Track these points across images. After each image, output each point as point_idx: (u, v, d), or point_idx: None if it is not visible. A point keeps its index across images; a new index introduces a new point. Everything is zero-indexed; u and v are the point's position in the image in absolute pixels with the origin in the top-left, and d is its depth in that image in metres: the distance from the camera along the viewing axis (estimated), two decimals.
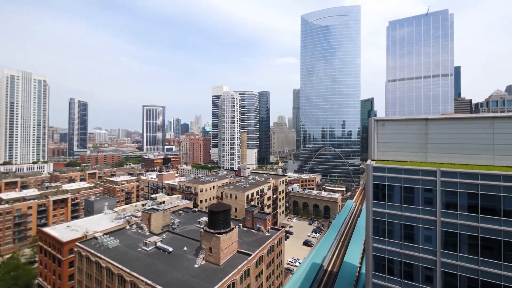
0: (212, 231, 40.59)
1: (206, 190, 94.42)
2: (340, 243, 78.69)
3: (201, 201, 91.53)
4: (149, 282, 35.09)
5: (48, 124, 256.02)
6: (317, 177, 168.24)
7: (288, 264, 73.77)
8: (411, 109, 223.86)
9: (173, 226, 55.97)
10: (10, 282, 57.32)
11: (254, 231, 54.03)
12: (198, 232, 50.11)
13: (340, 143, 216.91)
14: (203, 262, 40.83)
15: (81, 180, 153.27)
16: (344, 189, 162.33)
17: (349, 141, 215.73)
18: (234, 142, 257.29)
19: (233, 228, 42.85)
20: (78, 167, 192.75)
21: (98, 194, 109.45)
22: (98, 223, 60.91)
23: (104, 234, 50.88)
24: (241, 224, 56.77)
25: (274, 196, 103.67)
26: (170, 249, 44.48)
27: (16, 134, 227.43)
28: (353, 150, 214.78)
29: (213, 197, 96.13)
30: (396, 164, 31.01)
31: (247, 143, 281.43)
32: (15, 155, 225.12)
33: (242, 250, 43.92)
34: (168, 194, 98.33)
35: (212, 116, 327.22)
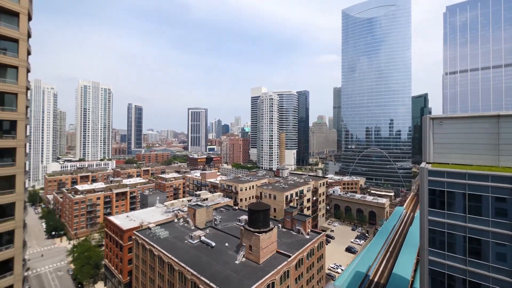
0: (252, 229, 41.58)
1: (245, 189, 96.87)
2: (388, 252, 72.66)
3: (241, 199, 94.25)
4: (195, 273, 37.69)
5: (112, 126, 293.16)
6: (361, 180, 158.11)
7: (329, 269, 71.10)
8: (476, 104, 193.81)
9: (215, 222, 58.96)
10: (84, 260, 67.65)
11: (294, 233, 53.55)
12: (238, 229, 51.85)
13: (388, 143, 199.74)
14: (243, 259, 42.11)
15: (137, 176, 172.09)
16: (392, 194, 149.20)
17: (398, 142, 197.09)
18: (272, 143, 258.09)
19: (272, 228, 43.22)
20: (134, 165, 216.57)
21: (151, 189, 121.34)
22: (151, 215, 67.60)
23: (156, 225, 56.34)
24: (280, 225, 56.83)
25: (314, 198, 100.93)
26: (213, 243, 47.01)
27: (88, 136, 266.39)
28: (403, 152, 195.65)
29: (253, 196, 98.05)
30: (458, 168, 27.45)
31: (286, 144, 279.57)
32: (87, 153, 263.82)
33: (281, 251, 43.99)
34: (210, 192, 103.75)
35: (251, 117, 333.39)
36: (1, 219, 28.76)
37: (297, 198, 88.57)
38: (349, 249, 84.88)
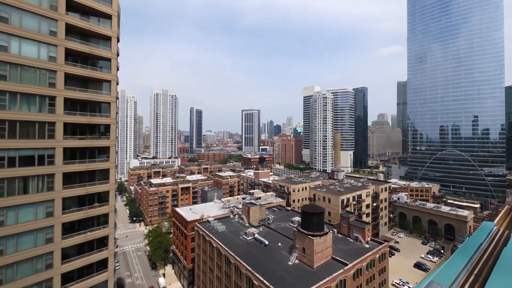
0: (306, 232, 41.04)
1: (298, 190, 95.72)
2: (473, 275, 61.02)
3: (293, 200, 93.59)
4: (249, 268, 39.48)
5: (177, 128, 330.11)
6: (434, 187, 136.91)
7: (393, 285, 64.22)
8: None
9: (268, 221, 60.27)
10: (157, 244, 78.56)
11: (351, 240, 50.46)
12: (291, 230, 51.81)
13: (470, 145, 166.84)
14: (296, 261, 41.94)
15: (198, 173, 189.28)
16: (477, 205, 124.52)
17: (486, 143, 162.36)
18: (326, 143, 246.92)
19: (327, 233, 41.78)
20: (196, 163, 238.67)
21: (209, 186, 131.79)
22: (210, 209, 73.53)
23: (215, 219, 61.09)
24: (335, 230, 54.35)
25: (374, 204, 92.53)
26: (266, 242, 48.27)
27: (159, 136, 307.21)
28: (492, 155, 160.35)
29: (305, 198, 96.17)
30: None
31: (341, 144, 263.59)
32: (158, 152, 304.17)
33: (337, 258, 42.10)
34: (263, 191, 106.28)
35: (303, 117, 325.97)
36: (99, 204, 36.07)
37: (354, 203, 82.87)
38: (418, 265, 74.80)
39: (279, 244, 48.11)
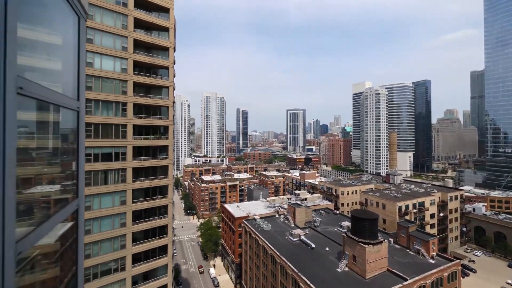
0: (357, 238, 38.61)
1: (347, 194, 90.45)
2: None
3: (342, 204, 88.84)
4: (295, 270, 39.20)
5: (225, 128, 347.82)
6: None
7: None
8: None
9: (314, 223, 58.65)
10: (208, 237, 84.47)
11: (411, 252, 45.45)
12: (340, 235, 49.36)
13: None
14: (346, 268, 39.83)
15: (244, 172, 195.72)
16: None
17: None
18: (380, 144, 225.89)
19: (381, 241, 38.52)
20: (242, 162, 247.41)
21: (255, 184, 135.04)
22: (256, 208, 75.37)
23: (261, 217, 62.41)
24: (391, 240, 49.65)
25: (441, 214, 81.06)
26: (313, 245, 47.10)
27: (209, 136, 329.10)
28: None
29: (356, 202, 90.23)
30: None
31: (398, 145, 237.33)
32: (208, 151, 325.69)
33: (394, 270, 38.44)
34: (309, 192, 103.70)
35: (353, 115, 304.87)
36: (160, 196, 40.68)
37: (415, 211, 74.16)
38: None
39: (327, 248, 46.40)
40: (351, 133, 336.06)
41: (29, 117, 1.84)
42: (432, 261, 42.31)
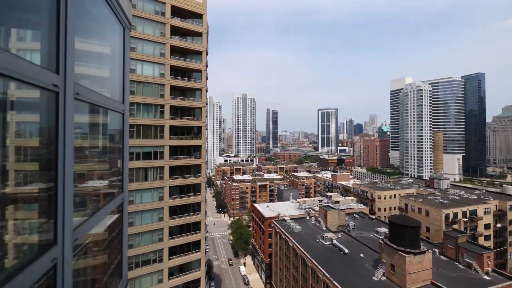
0: (395, 247, 35.89)
1: (384, 198, 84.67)
2: None
3: (378, 209, 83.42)
4: (327, 274, 37.89)
5: (255, 129, 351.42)
6: None
7: None
8: None
9: (348, 228, 56.07)
10: (238, 235, 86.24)
11: (460, 266, 40.85)
12: (376, 241, 46.38)
13: None
14: (383, 277, 37.30)
15: (274, 172, 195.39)
16: None
17: None
18: (422, 144, 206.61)
19: (424, 251, 35.27)
20: (272, 162, 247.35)
21: (285, 185, 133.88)
22: (286, 209, 74.65)
23: (291, 218, 61.65)
24: (436, 250, 45.18)
25: (499, 225, 71.29)
26: (346, 250, 45.02)
27: (240, 137, 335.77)
28: None
29: (394, 207, 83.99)
30: None
31: (444, 146, 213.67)
32: (239, 151, 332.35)
33: (439, 284, 34.87)
34: (342, 195, 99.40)
35: (391, 114, 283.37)
36: (194, 193, 42.61)
37: (465, 220, 66.42)
38: None
39: (361, 255, 43.97)
40: (388, 133, 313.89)
41: (83, 119, 2.11)
42: (487, 278, 37.45)
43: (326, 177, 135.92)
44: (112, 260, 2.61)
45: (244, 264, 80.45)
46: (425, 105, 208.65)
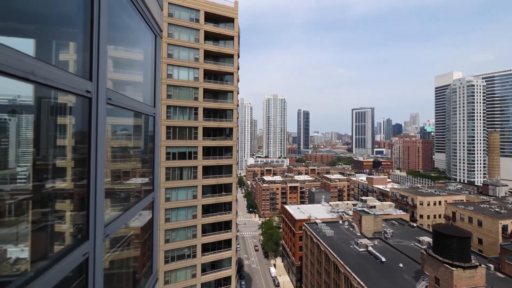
0: (441, 258, 32.45)
1: (428, 204, 77.27)
2: None
3: (420, 216, 76.41)
4: (362, 283, 35.81)
5: (286, 130, 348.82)
6: None
7: None
8: None
9: (385, 235, 52.36)
10: (268, 236, 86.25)
11: None
12: (417, 251, 42.49)
13: None
14: None
15: (305, 173, 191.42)
16: None
17: None
18: (474, 146, 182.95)
19: (476, 266, 31.31)
20: (303, 163, 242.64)
21: (317, 187, 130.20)
22: (317, 211, 72.50)
23: (322, 222, 59.68)
24: (491, 266, 39.85)
25: None
26: (383, 258, 42.06)
27: (270, 138, 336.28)
28: None
29: (440, 215, 76.18)
30: None
31: (501, 148, 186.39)
32: (270, 152, 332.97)
33: None
34: (378, 199, 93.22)
35: (435, 113, 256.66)
36: (226, 193, 43.73)
37: None
38: None
39: (400, 265, 40.68)
40: (432, 133, 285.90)
41: (116, 122, 2.30)
42: None
43: (361, 180, 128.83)
44: (143, 255, 2.80)
45: (275, 265, 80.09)
46: (477, 102, 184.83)
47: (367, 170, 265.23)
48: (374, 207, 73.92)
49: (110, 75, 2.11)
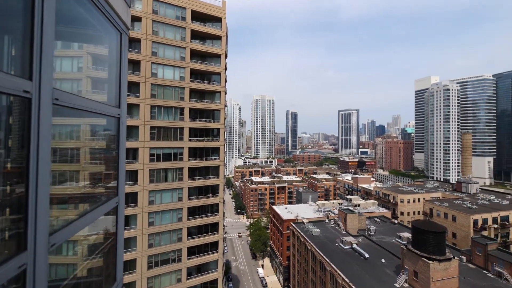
0: (419, 253, 33.87)
1: (408, 202, 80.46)
2: None
3: (401, 213, 79.41)
4: (346, 279, 36.62)
5: (274, 130, 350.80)
6: None
7: None
8: None
9: (369, 232, 53.89)
10: (256, 237, 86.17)
11: (489, 275, 37.77)
12: (398, 247, 44.13)
13: None
14: (406, 284, 35.34)
15: (293, 174, 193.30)
16: None
17: None
18: (449, 146, 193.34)
19: (450, 259, 32.96)
20: (291, 164, 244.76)
21: (304, 187, 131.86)
22: (305, 211, 73.38)
23: (309, 221, 60.49)
24: (463, 258, 42.18)
25: None
26: (367, 255, 43.25)
27: (259, 138, 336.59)
28: None
29: (419, 211, 79.59)
30: None
31: (473, 148, 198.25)
32: (258, 152, 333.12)
33: None
34: (363, 198, 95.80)
35: (415, 115, 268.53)
36: (212, 194, 43.24)
37: (495, 226, 61.40)
38: None
39: (383, 260, 42.01)
40: (412, 134, 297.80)
41: (67, 123, 2.16)
42: None
43: (347, 179, 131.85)
44: (103, 264, 2.66)
45: (262, 266, 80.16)
46: (452, 105, 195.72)
47: (353, 170, 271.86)
48: (359, 205, 75.90)
49: (62, 75, 1.98)
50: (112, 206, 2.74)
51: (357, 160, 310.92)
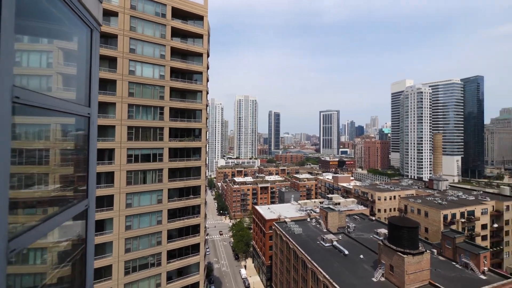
0: (394, 247, 35.68)
1: (385, 199, 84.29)
2: None
3: (378, 210, 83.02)
4: (327, 276, 37.62)
5: (257, 131, 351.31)
6: None
7: None
8: None
9: (348, 229, 55.74)
10: (239, 238, 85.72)
11: (458, 266, 40.64)
12: (375, 243, 46.13)
13: None
14: (382, 278, 37.04)
15: (275, 174, 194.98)
16: None
17: None
18: (422, 146, 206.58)
19: (423, 252, 35.06)
20: (273, 164, 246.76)
21: (287, 187, 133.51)
22: (287, 210, 74.33)
23: (291, 220, 61.36)
24: (434, 251, 45.00)
25: (495, 225, 71.03)
26: (346, 251, 44.76)
27: (241, 138, 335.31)
28: None
29: (394, 208, 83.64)
30: None
31: (443, 148, 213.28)
32: (241, 153, 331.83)
33: (437, 284, 34.66)
34: (343, 196, 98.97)
35: (392, 116, 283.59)
36: (194, 196, 42.45)
37: (463, 220, 66.22)
38: None
39: (361, 256, 43.71)
40: (389, 135, 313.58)
41: (31, 121, 2.02)
42: (484, 277, 37.23)
43: (328, 179, 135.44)
44: (71, 272, 2.51)
45: (245, 266, 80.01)
46: (425, 107, 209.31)
47: (333, 169, 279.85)
48: (339, 203, 78.34)
49: (25, 71, 1.85)
50: (81, 209, 2.59)
51: (337, 159, 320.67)
